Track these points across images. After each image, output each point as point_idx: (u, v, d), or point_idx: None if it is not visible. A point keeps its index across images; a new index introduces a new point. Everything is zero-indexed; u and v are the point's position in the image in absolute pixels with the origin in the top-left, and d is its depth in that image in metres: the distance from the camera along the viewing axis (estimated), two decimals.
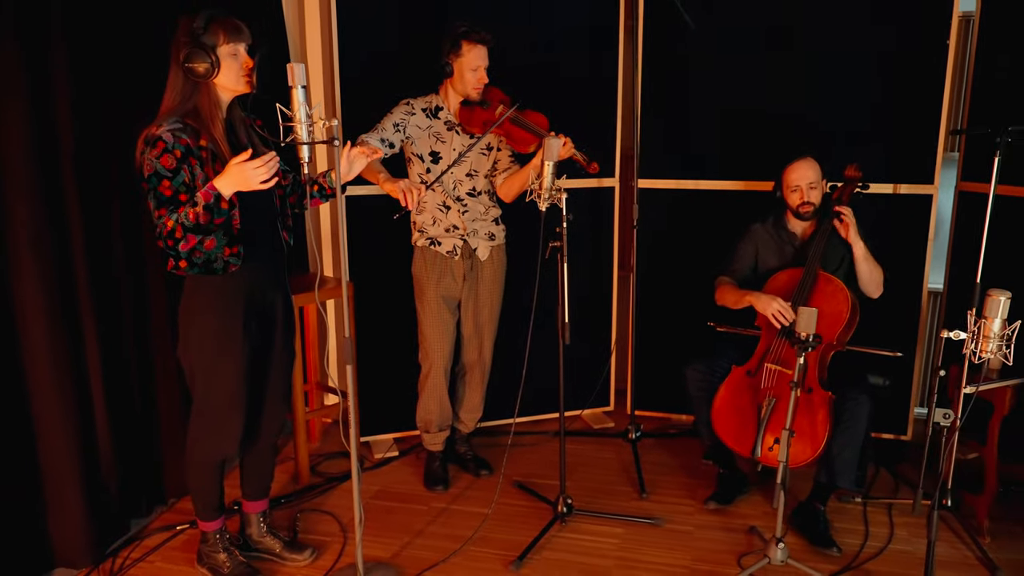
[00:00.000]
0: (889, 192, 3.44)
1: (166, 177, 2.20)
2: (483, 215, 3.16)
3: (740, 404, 2.99)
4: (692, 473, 3.35)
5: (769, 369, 2.95)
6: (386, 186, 2.85)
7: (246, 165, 2.17)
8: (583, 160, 3.02)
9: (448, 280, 3.14)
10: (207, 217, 2.20)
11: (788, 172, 3.07)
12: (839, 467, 2.85)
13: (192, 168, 2.24)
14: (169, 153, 2.20)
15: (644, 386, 3.88)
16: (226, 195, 2.20)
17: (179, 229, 2.20)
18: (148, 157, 2.20)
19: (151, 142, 2.20)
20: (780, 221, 3.17)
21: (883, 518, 3.01)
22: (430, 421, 3.26)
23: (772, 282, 3.08)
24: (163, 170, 2.20)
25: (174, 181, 2.21)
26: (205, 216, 2.19)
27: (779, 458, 2.54)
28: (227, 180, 2.19)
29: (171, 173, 2.20)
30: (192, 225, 2.20)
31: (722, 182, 3.60)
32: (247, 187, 2.20)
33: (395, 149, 2.98)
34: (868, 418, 2.84)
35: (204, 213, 2.19)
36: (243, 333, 2.42)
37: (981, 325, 2.10)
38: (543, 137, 2.82)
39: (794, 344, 2.55)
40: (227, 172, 2.19)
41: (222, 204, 2.20)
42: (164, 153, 2.19)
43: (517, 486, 3.23)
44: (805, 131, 3.43)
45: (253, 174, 2.18)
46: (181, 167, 2.22)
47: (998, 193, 3.27)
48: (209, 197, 2.19)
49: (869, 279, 3.00)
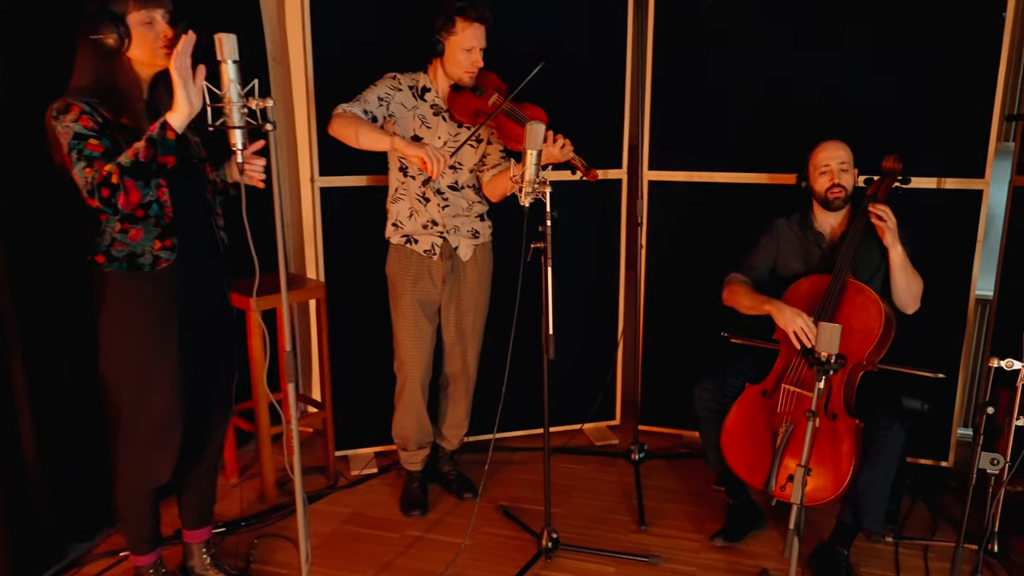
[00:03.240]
0: (933, 187, 3.02)
1: (91, 136, 1.91)
2: (465, 211, 2.82)
3: (754, 429, 2.62)
4: (700, 501, 2.98)
5: (787, 391, 2.57)
6: (407, 150, 2.48)
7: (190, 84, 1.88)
8: (582, 166, 2.69)
9: (426, 283, 2.81)
10: (149, 152, 1.89)
11: (816, 152, 2.70)
12: (866, 506, 2.47)
13: (116, 143, 1.94)
14: (88, 116, 1.91)
15: (653, 399, 3.52)
16: (176, 125, 1.90)
17: (116, 172, 1.88)
18: (63, 124, 1.90)
19: (63, 109, 1.91)
20: (806, 219, 2.78)
21: (918, 562, 2.62)
22: (407, 438, 2.95)
23: (793, 290, 2.69)
24: (85, 130, 1.91)
25: (102, 140, 1.92)
26: (147, 151, 1.88)
27: (792, 499, 2.17)
28: (177, 108, 1.90)
29: (96, 132, 1.91)
30: (132, 164, 1.89)
31: (742, 174, 3.21)
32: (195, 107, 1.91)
33: (377, 124, 2.65)
34: (902, 450, 2.46)
35: (147, 147, 1.89)
36: (177, 342, 2.13)
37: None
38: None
39: (812, 365, 2.18)
40: (177, 101, 1.89)
41: (167, 135, 1.89)
42: (82, 115, 1.91)
43: (502, 512, 2.90)
44: (837, 115, 3.02)
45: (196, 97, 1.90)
46: (104, 134, 1.93)
47: None
48: (155, 127, 1.89)
49: (906, 291, 2.60)
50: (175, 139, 1.91)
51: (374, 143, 2.52)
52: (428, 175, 2.47)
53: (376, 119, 2.63)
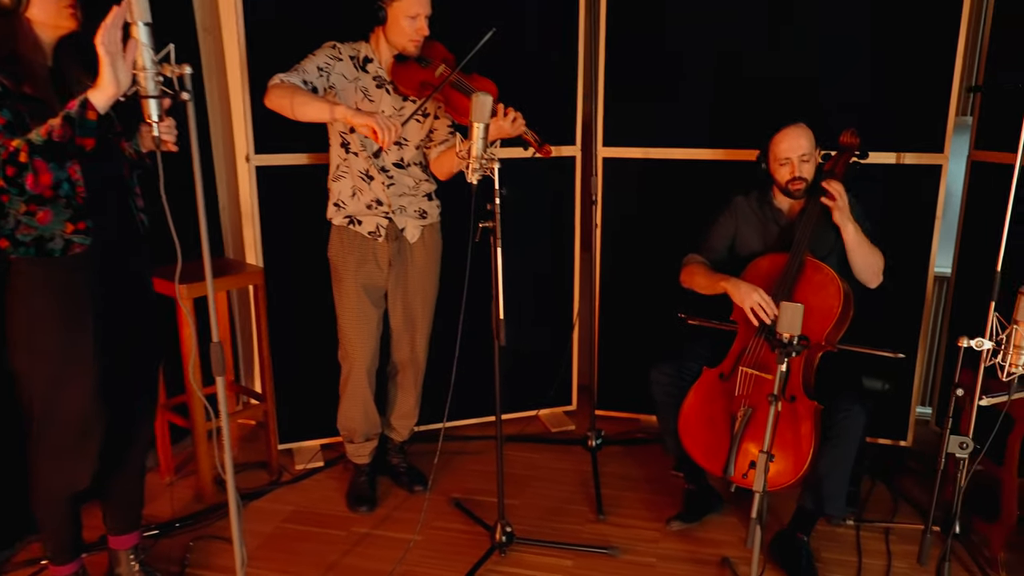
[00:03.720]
0: (891, 162, 2.95)
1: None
2: (412, 190, 2.67)
3: (712, 413, 2.53)
4: (659, 488, 2.90)
5: (745, 373, 2.49)
6: (355, 119, 2.31)
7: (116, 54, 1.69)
8: (534, 141, 2.56)
9: (371, 266, 2.66)
10: (65, 132, 1.71)
11: (776, 142, 2.58)
12: (827, 491, 2.41)
13: (19, 115, 1.75)
14: None
15: (610, 383, 3.42)
16: (99, 105, 1.72)
17: (25, 150, 1.71)
18: None
19: None
20: (765, 196, 2.69)
21: (879, 545, 2.56)
22: (354, 430, 2.80)
23: (752, 268, 2.60)
24: None
25: (3, 110, 1.73)
26: (63, 130, 1.70)
27: (754, 487, 2.09)
28: (102, 86, 1.71)
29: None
30: (44, 143, 1.71)
31: (699, 150, 3.11)
32: (122, 86, 1.72)
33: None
34: (862, 432, 2.39)
35: (64, 126, 1.70)
36: (93, 334, 1.96)
37: (1012, 332, 1.63)
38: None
39: (774, 347, 2.09)
40: (102, 79, 1.70)
41: (88, 115, 1.71)
42: None
43: (455, 505, 2.78)
44: (795, 90, 2.94)
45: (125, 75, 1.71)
46: (4, 104, 1.74)
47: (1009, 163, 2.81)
48: (74, 104, 1.71)
49: (864, 267, 2.53)
50: (96, 120, 1.73)
51: (316, 114, 2.35)
52: (379, 146, 2.31)
53: (316, 90, 2.46)
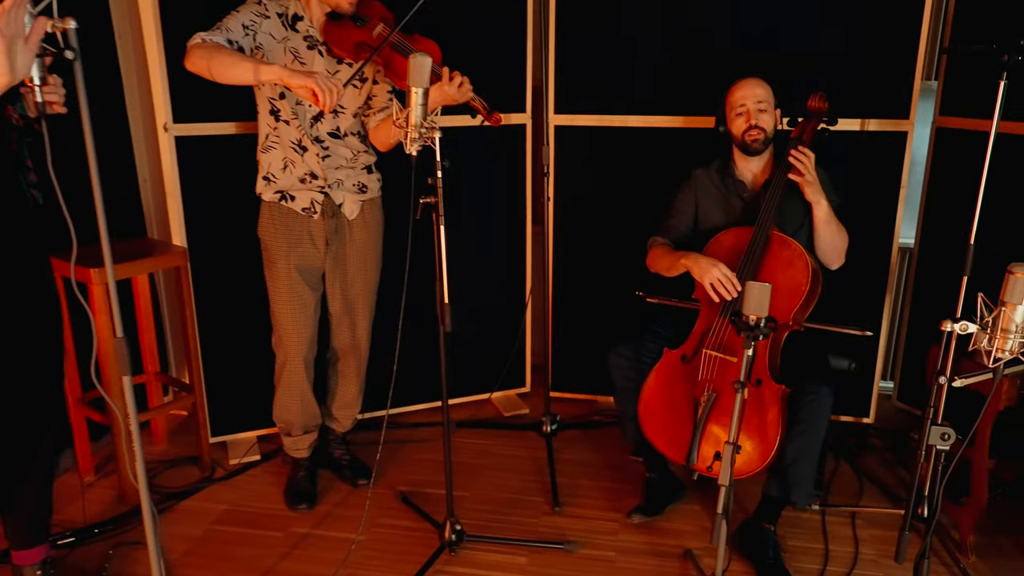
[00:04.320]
0: (856, 129, 2.82)
1: None
2: (350, 162, 2.45)
3: (673, 397, 2.39)
4: (617, 475, 2.76)
5: (708, 356, 2.35)
6: (292, 79, 2.08)
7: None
8: (483, 108, 2.38)
9: (306, 246, 2.45)
10: None
11: (732, 91, 2.45)
12: (794, 478, 2.28)
13: None
14: None
15: (565, 364, 3.27)
16: None
17: None
18: None
19: None
20: (726, 167, 2.53)
21: (846, 531, 2.47)
22: (291, 422, 2.60)
23: (715, 243, 2.45)
24: None
25: None
26: None
27: (720, 481, 1.95)
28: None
29: None
30: None
31: (656, 117, 2.94)
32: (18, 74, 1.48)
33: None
34: (829, 415, 2.27)
35: None
36: None
37: (1000, 314, 1.50)
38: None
39: (740, 330, 1.94)
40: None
41: None
42: None
43: (402, 500, 2.60)
44: (756, 53, 2.77)
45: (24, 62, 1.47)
46: None
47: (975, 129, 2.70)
48: None
49: (829, 247, 2.39)
50: None
51: (244, 75, 2.11)
52: (319, 110, 2.09)
53: (243, 51, 2.22)
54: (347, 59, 2.36)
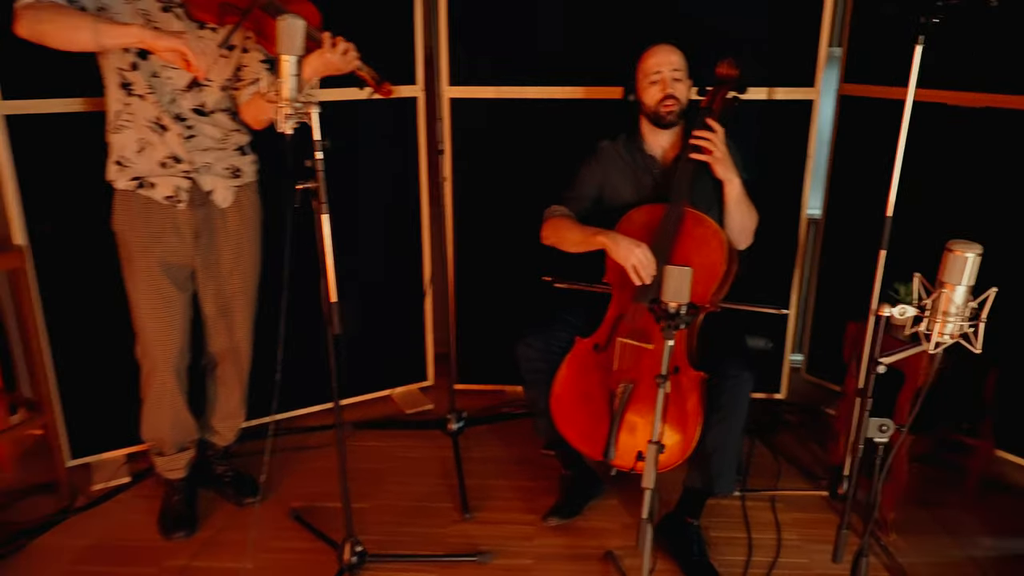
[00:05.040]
0: (763, 98, 2.71)
1: None
2: (219, 143, 2.15)
3: (587, 389, 2.23)
4: (530, 471, 2.59)
5: (623, 344, 2.19)
6: (157, 41, 1.80)
7: None
8: (372, 79, 2.13)
9: (171, 240, 2.14)
10: None
11: (645, 58, 2.29)
12: (716, 468, 2.17)
13: None
14: None
15: (470, 354, 3.06)
16: None
17: None
18: None
19: None
20: (635, 140, 2.37)
21: (767, 515, 2.38)
22: (163, 440, 2.30)
23: (626, 221, 2.30)
24: None
25: None
26: None
27: (644, 484, 1.80)
28: None
29: None
30: None
31: (559, 88, 2.74)
32: None
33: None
34: (749, 399, 2.16)
35: None
36: None
37: (939, 296, 1.38)
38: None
39: (660, 318, 1.78)
40: None
41: None
42: None
43: (295, 518, 2.35)
44: (662, 18, 2.62)
45: None
46: None
47: (879, 96, 2.64)
48: None
49: (740, 226, 2.27)
50: None
51: (88, 39, 1.82)
52: (192, 76, 1.80)
53: (86, 8, 1.88)
54: (210, 23, 2.05)
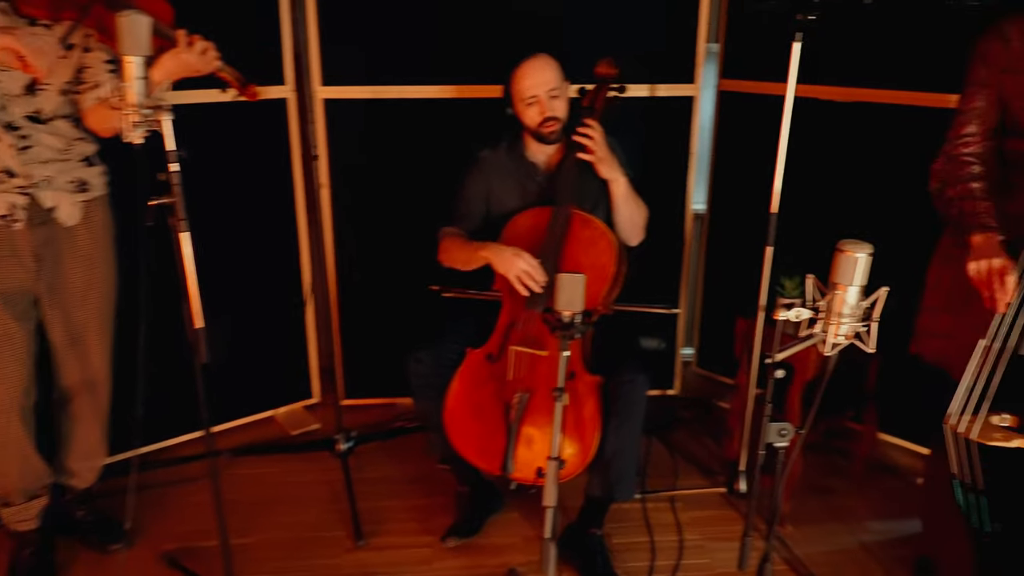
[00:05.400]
0: (645, 95, 2.69)
1: None
2: (62, 154, 1.92)
3: (481, 402, 2.14)
4: (426, 488, 2.48)
5: (516, 352, 2.11)
6: None
7: None
8: (235, 81, 1.97)
9: (7, 265, 1.90)
10: None
11: (518, 79, 2.17)
12: (616, 475, 2.13)
13: None
14: None
15: (358, 366, 2.92)
16: None
17: None
18: None
19: None
20: (516, 147, 2.29)
21: (668, 517, 2.37)
22: (9, 489, 2.05)
23: (512, 228, 2.22)
24: None
25: None
26: None
27: (545, 502, 1.72)
28: None
29: None
30: None
31: (440, 88, 2.64)
32: None
33: None
34: (646, 402, 2.13)
35: None
36: None
37: (832, 298, 1.37)
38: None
39: (554, 328, 1.71)
40: None
41: None
42: None
43: (169, 563, 2.15)
44: (537, 16, 2.55)
45: None
46: None
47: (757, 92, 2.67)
48: None
49: (629, 223, 2.23)
50: None
51: None
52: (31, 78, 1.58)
53: None
54: (42, 19, 1.82)
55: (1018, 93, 1.69)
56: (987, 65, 1.73)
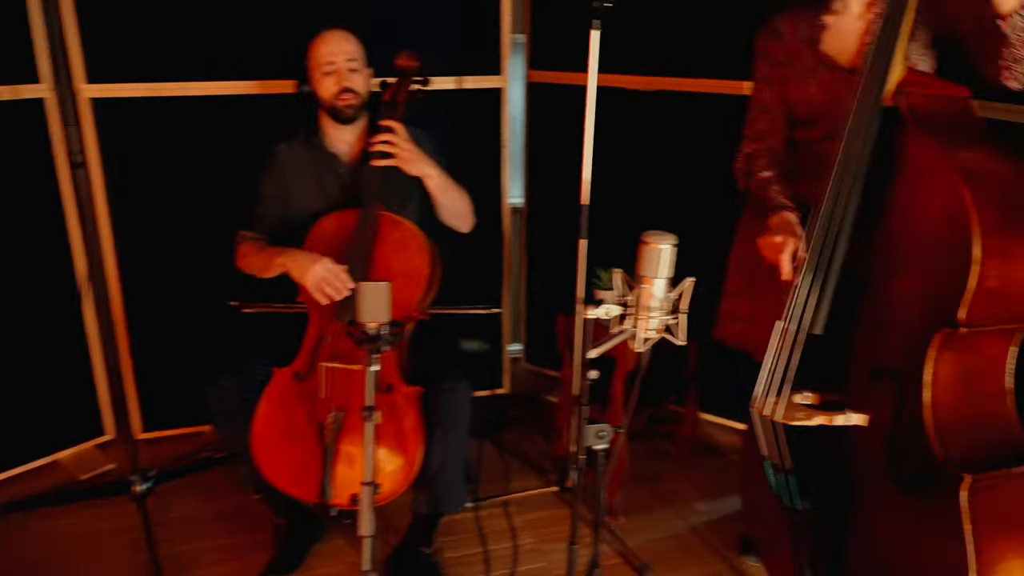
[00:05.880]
0: (452, 88, 2.59)
1: None
2: None
3: (291, 425, 1.96)
4: (240, 524, 2.25)
5: (327, 369, 1.95)
6: None
7: None
8: None
9: None
10: None
11: (317, 46, 2.06)
12: (442, 488, 2.02)
13: None
14: None
15: (155, 397, 2.63)
16: None
17: None
18: None
19: None
20: (314, 138, 2.13)
21: (502, 523, 2.29)
22: None
23: (315, 234, 2.05)
24: None
25: None
26: None
27: (360, 532, 1.58)
28: None
29: None
30: None
31: (228, 83, 2.41)
32: None
33: None
34: (471, 408, 2.04)
35: None
36: None
37: (639, 292, 1.32)
38: None
39: (360, 342, 1.57)
40: None
41: None
42: None
43: None
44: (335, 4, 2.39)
45: None
46: None
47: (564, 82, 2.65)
48: None
49: (454, 212, 2.14)
50: None
51: None
52: None
53: None
54: None
55: (794, 86, 1.73)
56: (768, 61, 1.77)
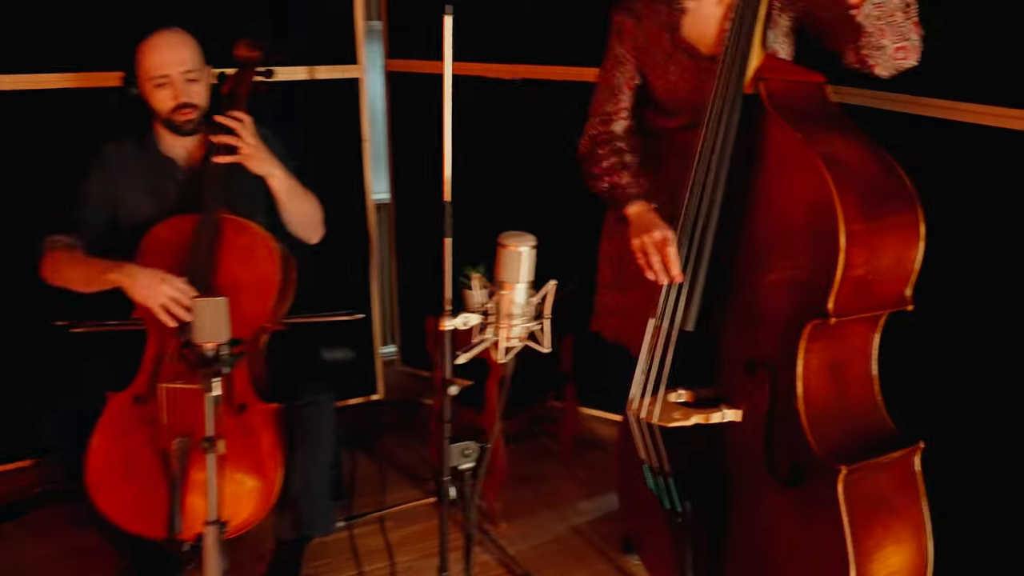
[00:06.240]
0: (305, 78, 2.42)
1: None
2: None
3: (131, 455, 1.77)
4: (83, 565, 2.03)
5: (169, 390, 1.76)
6: None
7: None
8: None
9: None
10: None
11: (145, 54, 1.84)
12: (308, 510, 1.89)
13: None
14: None
15: None
16: None
17: None
18: None
19: None
20: (147, 140, 1.92)
21: (378, 540, 2.16)
22: None
23: (150, 243, 1.85)
24: None
25: None
26: None
27: (207, 573, 1.43)
28: None
29: None
30: None
31: (37, 76, 2.16)
32: None
33: None
34: (334, 421, 1.90)
35: None
36: None
37: (500, 298, 1.23)
38: None
39: (196, 366, 1.41)
40: None
41: None
42: None
43: None
44: None
45: None
46: None
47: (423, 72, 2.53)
48: None
49: (302, 219, 1.97)
50: None
51: None
52: None
53: None
54: None
55: (654, 72, 1.67)
56: (622, 40, 1.70)
